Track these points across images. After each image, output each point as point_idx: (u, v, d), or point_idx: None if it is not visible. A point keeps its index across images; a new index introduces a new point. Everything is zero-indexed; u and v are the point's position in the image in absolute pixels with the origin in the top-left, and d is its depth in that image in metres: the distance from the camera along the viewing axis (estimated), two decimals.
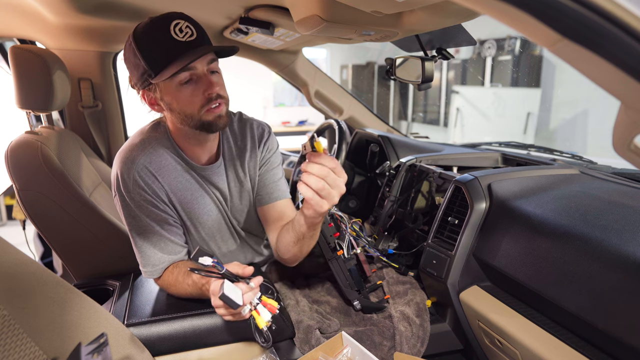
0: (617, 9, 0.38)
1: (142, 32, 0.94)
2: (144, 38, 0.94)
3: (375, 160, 1.71)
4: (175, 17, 0.94)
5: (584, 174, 1.25)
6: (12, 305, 0.60)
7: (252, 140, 1.18)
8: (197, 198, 1.12)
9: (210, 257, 0.82)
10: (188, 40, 0.94)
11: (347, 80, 7.43)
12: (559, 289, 0.87)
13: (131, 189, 1.04)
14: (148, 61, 0.94)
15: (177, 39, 0.93)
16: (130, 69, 0.99)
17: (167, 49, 0.93)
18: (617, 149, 0.45)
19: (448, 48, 1.22)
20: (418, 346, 1.08)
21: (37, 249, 2.02)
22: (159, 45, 0.94)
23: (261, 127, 1.21)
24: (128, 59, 0.98)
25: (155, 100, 1.02)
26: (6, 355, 0.55)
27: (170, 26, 0.93)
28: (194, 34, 0.95)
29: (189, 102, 0.98)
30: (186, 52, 0.94)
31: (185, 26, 0.94)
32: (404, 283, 1.27)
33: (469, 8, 0.47)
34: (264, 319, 0.86)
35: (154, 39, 0.94)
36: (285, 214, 1.20)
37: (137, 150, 1.05)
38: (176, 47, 0.93)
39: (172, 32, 0.93)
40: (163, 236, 1.07)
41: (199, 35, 0.96)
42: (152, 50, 0.94)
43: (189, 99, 0.98)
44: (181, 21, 0.94)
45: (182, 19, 0.95)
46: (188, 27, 0.95)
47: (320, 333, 1.09)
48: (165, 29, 0.93)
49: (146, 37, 0.94)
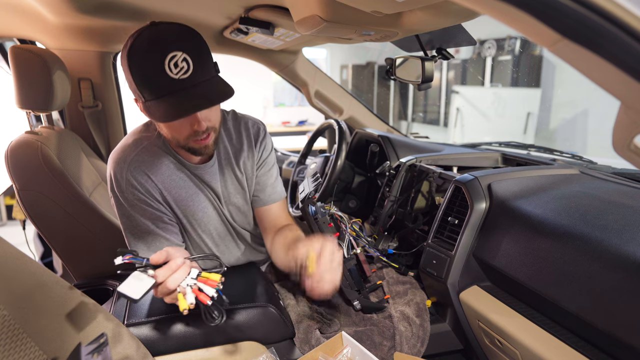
0: (617, 9, 0.38)
1: (137, 54, 0.88)
2: (137, 63, 0.89)
3: (375, 160, 1.71)
4: (172, 48, 0.87)
5: (584, 174, 1.25)
6: (12, 305, 0.60)
7: (249, 138, 1.18)
8: (192, 195, 1.12)
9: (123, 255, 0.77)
10: (181, 78, 0.88)
11: (347, 80, 7.43)
12: (559, 289, 0.87)
13: (124, 188, 1.04)
14: (139, 87, 0.90)
15: (170, 75, 0.87)
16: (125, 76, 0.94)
17: (157, 84, 0.88)
18: (617, 149, 0.45)
19: (448, 48, 1.22)
20: (418, 346, 1.09)
21: (37, 249, 2.02)
22: (151, 77, 0.88)
23: (257, 126, 1.21)
24: (123, 67, 0.93)
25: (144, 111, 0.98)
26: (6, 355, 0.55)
27: (166, 60, 0.86)
28: (189, 69, 0.88)
29: (177, 132, 0.97)
30: (177, 91, 0.88)
31: (181, 59, 0.87)
32: (404, 283, 1.27)
33: (469, 8, 0.47)
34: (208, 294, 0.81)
35: (147, 69, 0.88)
36: (280, 216, 1.25)
37: (129, 150, 1.05)
38: (168, 85, 0.88)
39: (167, 67, 0.86)
40: (158, 235, 1.07)
41: (195, 71, 0.89)
42: (142, 79, 0.89)
43: (177, 129, 0.97)
44: (178, 53, 0.87)
45: (180, 50, 0.87)
46: (185, 61, 0.87)
47: (320, 333, 1.09)
48: (159, 61, 0.86)
49: (139, 63, 0.89)
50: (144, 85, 0.90)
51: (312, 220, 1.19)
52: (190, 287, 0.82)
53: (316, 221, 1.18)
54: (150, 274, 0.79)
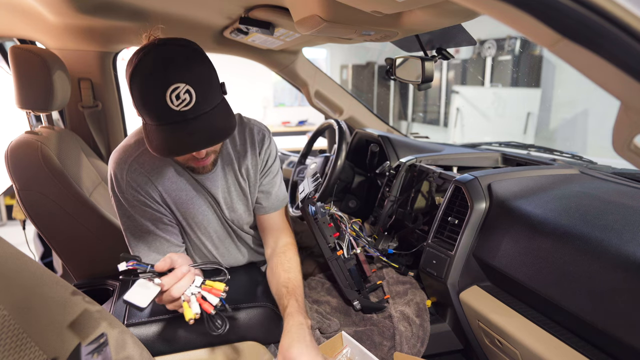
0: (617, 9, 0.38)
1: (139, 79, 0.86)
2: (139, 88, 0.87)
3: (375, 160, 1.71)
4: (176, 79, 0.85)
5: (584, 174, 1.25)
6: (12, 305, 0.60)
7: (252, 144, 1.17)
8: (192, 199, 1.11)
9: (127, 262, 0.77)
10: (182, 110, 0.85)
11: (347, 80, 7.43)
12: (559, 289, 0.87)
13: (124, 189, 1.04)
14: (139, 110, 0.90)
15: (171, 107, 0.85)
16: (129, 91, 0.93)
17: (158, 114, 0.87)
18: (617, 149, 0.45)
19: (448, 48, 1.22)
20: (418, 346, 1.09)
21: (37, 249, 2.02)
22: (151, 105, 0.87)
23: (262, 132, 1.19)
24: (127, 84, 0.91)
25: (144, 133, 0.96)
26: (6, 355, 0.55)
27: (167, 91, 0.84)
28: (191, 101, 0.86)
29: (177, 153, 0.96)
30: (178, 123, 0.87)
31: (184, 91, 0.85)
32: (404, 283, 1.27)
33: (469, 8, 0.47)
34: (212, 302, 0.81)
35: (148, 96, 0.87)
36: (280, 221, 1.25)
37: (130, 151, 1.05)
38: (168, 116, 0.86)
39: (168, 98, 0.84)
40: (158, 236, 1.07)
41: (197, 102, 0.87)
42: (144, 105, 0.88)
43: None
44: (180, 85, 0.85)
45: (183, 81, 0.85)
46: (187, 93, 0.85)
47: (320, 333, 1.09)
48: (161, 92, 0.84)
49: (141, 88, 0.87)
50: (144, 110, 0.89)
51: (312, 221, 1.19)
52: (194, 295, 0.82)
53: (316, 221, 1.18)
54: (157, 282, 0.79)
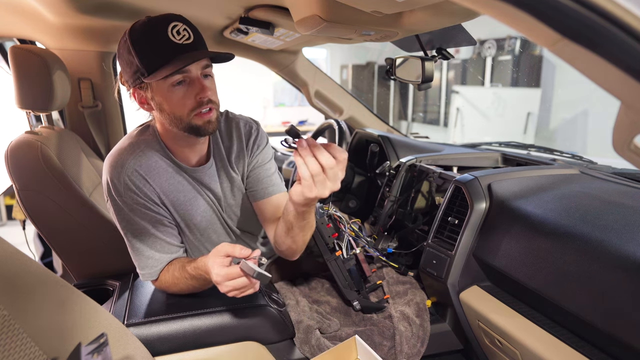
0: (617, 9, 0.38)
1: (139, 31, 0.94)
2: (140, 37, 0.94)
3: (375, 160, 1.71)
4: (173, 19, 0.94)
5: (584, 174, 1.25)
6: (12, 305, 0.60)
7: (239, 139, 1.17)
8: (190, 199, 1.11)
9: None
10: (184, 43, 0.94)
11: (347, 80, 7.43)
12: (559, 289, 0.87)
13: (123, 192, 1.03)
14: (142, 60, 0.94)
15: (173, 40, 0.93)
16: (123, 65, 0.99)
17: (163, 50, 0.93)
18: (617, 149, 0.45)
19: (448, 48, 1.22)
20: (418, 346, 1.08)
21: (37, 249, 2.02)
22: (155, 45, 0.93)
23: (248, 125, 1.20)
24: (122, 55, 0.98)
25: (145, 99, 1.02)
26: (6, 355, 0.55)
27: (168, 28, 0.93)
28: (190, 37, 0.95)
29: (180, 104, 0.98)
30: (182, 54, 0.94)
31: (182, 29, 0.94)
32: (404, 283, 1.27)
33: (469, 8, 0.47)
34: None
35: (150, 38, 0.94)
36: (281, 207, 1.18)
37: (126, 154, 1.05)
38: (172, 49, 0.93)
39: (170, 33, 0.93)
40: (158, 237, 1.07)
41: (196, 39, 0.96)
42: (147, 50, 0.94)
43: (180, 101, 0.98)
44: (179, 24, 0.94)
45: (180, 21, 0.94)
46: (185, 30, 0.94)
47: (320, 333, 1.09)
48: (162, 29, 0.92)
49: (142, 36, 0.94)
50: (148, 55, 0.94)
51: None
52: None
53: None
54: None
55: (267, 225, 1.22)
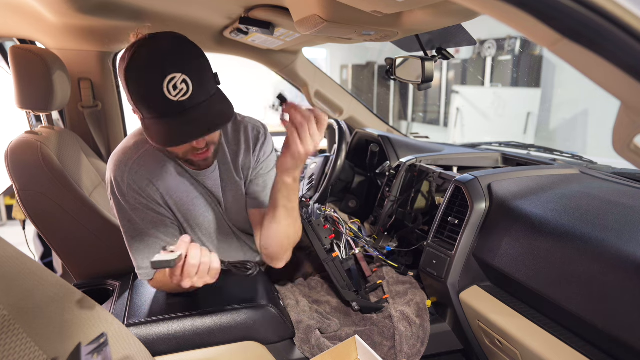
0: (617, 9, 0.38)
1: (134, 74, 0.86)
2: (135, 82, 0.86)
3: (375, 160, 1.71)
4: (172, 70, 0.84)
5: (584, 174, 1.25)
6: (12, 305, 0.60)
7: (247, 143, 1.17)
8: (193, 200, 1.11)
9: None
10: (180, 100, 0.85)
11: (347, 80, 7.44)
12: (559, 289, 0.87)
13: (126, 192, 1.03)
14: (137, 105, 0.89)
15: (168, 97, 0.84)
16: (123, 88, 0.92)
17: (157, 106, 0.86)
18: (617, 149, 0.45)
19: (448, 48, 1.22)
20: (418, 346, 1.08)
21: (37, 249, 2.02)
22: (149, 98, 0.86)
23: (256, 130, 1.19)
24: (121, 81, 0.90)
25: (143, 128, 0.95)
26: (6, 355, 0.55)
27: (164, 82, 0.83)
28: (188, 91, 0.85)
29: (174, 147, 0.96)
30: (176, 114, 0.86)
31: (180, 81, 0.84)
32: (404, 283, 1.27)
33: (469, 8, 0.47)
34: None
35: (145, 89, 0.86)
36: None
37: (130, 153, 1.05)
38: (167, 107, 0.85)
39: (165, 88, 0.84)
40: (159, 238, 1.07)
41: (194, 91, 0.86)
42: (141, 99, 0.87)
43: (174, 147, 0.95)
44: (177, 75, 0.84)
45: (179, 71, 0.84)
46: (184, 82, 0.85)
47: (320, 333, 1.09)
48: (158, 83, 0.84)
49: (138, 82, 0.86)
50: (142, 104, 0.88)
51: (306, 223, 1.18)
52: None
53: (310, 223, 1.17)
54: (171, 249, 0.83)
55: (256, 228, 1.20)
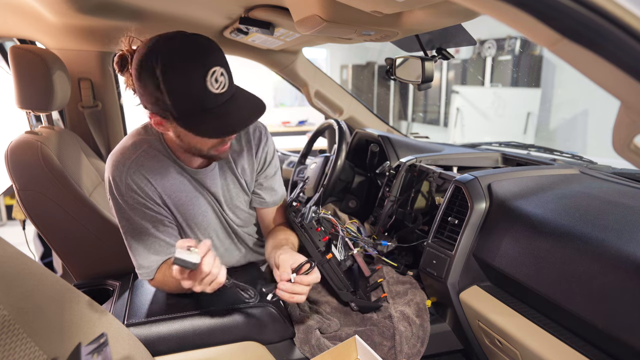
0: (617, 9, 0.38)
1: (174, 71, 0.84)
2: (175, 79, 0.84)
3: (375, 160, 1.71)
4: (212, 63, 0.86)
5: (584, 174, 1.25)
6: (12, 305, 0.60)
7: (249, 144, 1.18)
8: (192, 199, 1.11)
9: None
10: (221, 92, 0.88)
11: (347, 80, 7.43)
12: (559, 289, 0.87)
13: (124, 192, 1.03)
14: (175, 105, 0.87)
15: (212, 90, 0.86)
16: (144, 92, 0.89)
17: (202, 100, 0.87)
18: (617, 149, 0.45)
19: (448, 48, 1.22)
20: (418, 346, 1.08)
21: (37, 249, 2.02)
22: (192, 95, 0.86)
23: (258, 130, 1.20)
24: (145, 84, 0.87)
25: (162, 124, 0.95)
26: (6, 355, 0.55)
27: (207, 75, 0.85)
28: (226, 83, 0.89)
29: (203, 142, 0.97)
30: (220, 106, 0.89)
31: (220, 74, 0.87)
32: (404, 283, 1.27)
33: (469, 8, 0.47)
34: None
35: (188, 85, 0.85)
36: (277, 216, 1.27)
37: (128, 154, 1.05)
38: (211, 100, 0.87)
39: (209, 82, 0.85)
40: (158, 238, 1.07)
41: (230, 83, 0.91)
42: (184, 98, 0.86)
43: (203, 140, 0.96)
44: (217, 68, 0.86)
45: (218, 64, 0.87)
46: (222, 75, 0.88)
47: (320, 333, 1.09)
48: (202, 77, 0.85)
49: (178, 79, 0.85)
50: (181, 101, 0.86)
51: (298, 227, 1.17)
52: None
53: (302, 227, 1.17)
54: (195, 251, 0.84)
55: (265, 233, 1.27)
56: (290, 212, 1.21)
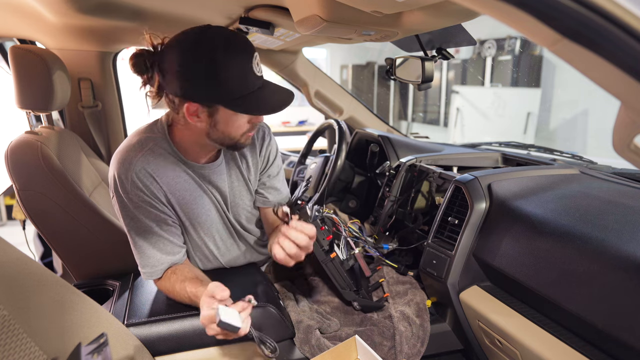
0: (617, 9, 0.38)
1: (225, 58, 0.90)
2: (227, 65, 0.90)
3: (375, 160, 1.71)
4: (253, 50, 0.95)
5: (584, 174, 1.25)
6: (12, 305, 0.60)
7: (252, 142, 1.19)
8: (196, 198, 1.11)
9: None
10: (261, 75, 0.98)
11: (347, 80, 7.43)
12: (559, 289, 0.87)
13: (129, 190, 1.03)
14: (230, 90, 0.93)
15: (256, 73, 0.95)
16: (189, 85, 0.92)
17: (250, 82, 0.95)
18: (617, 149, 0.45)
19: (448, 48, 1.22)
20: (418, 346, 1.08)
21: (37, 249, 2.02)
22: (242, 76, 0.93)
23: (261, 129, 1.22)
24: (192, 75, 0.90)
25: (197, 113, 0.97)
26: (6, 355, 0.55)
27: (253, 59, 0.94)
28: (261, 68, 0.99)
29: (237, 128, 1.02)
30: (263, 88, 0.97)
31: (258, 60, 0.97)
32: (404, 283, 1.27)
33: (469, 8, 0.47)
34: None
35: (238, 67, 0.92)
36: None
37: (134, 151, 1.05)
38: (256, 82, 0.96)
39: (254, 66, 0.94)
40: (162, 236, 1.07)
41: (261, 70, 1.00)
42: (239, 81, 0.93)
43: (240, 125, 1.01)
44: (256, 54, 0.96)
45: (255, 51, 0.96)
46: (258, 61, 0.97)
47: (320, 333, 1.09)
48: (249, 61, 0.93)
49: (230, 64, 0.91)
50: (237, 84, 0.93)
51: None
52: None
53: None
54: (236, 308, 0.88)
55: (269, 231, 1.27)
56: (295, 211, 1.21)
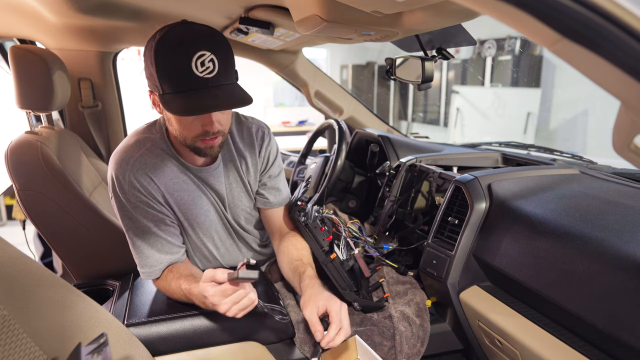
0: (617, 9, 0.38)
1: (164, 48, 0.90)
2: (164, 56, 0.91)
3: (375, 160, 1.71)
4: (202, 47, 0.89)
5: (584, 174, 1.25)
6: (12, 305, 0.60)
7: (252, 144, 1.18)
8: (194, 199, 1.11)
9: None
10: (205, 77, 0.90)
11: (347, 80, 7.43)
12: (559, 289, 0.87)
13: (127, 190, 1.03)
14: (160, 79, 0.91)
15: (195, 73, 0.89)
16: (146, 66, 0.96)
17: (182, 80, 0.90)
18: (617, 149, 0.45)
19: (448, 48, 1.22)
20: (418, 346, 1.08)
21: (37, 249, 2.01)
22: (175, 72, 0.91)
23: (261, 130, 1.21)
24: (146, 57, 0.94)
25: (157, 104, 1.00)
26: (6, 355, 0.55)
27: (194, 57, 0.89)
28: (214, 70, 0.91)
29: (186, 129, 0.98)
30: (200, 89, 0.91)
31: (208, 59, 0.90)
32: (404, 283, 1.26)
33: (469, 8, 0.47)
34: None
35: (173, 63, 0.90)
36: (286, 219, 1.27)
37: (132, 152, 1.05)
38: (191, 81, 0.90)
39: (193, 64, 0.89)
40: (160, 237, 1.07)
41: (219, 72, 0.92)
42: (166, 72, 0.91)
43: (188, 126, 0.98)
44: (206, 53, 0.89)
45: (209, 50, 0.90)
46: (211, 61, 0.90)
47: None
48: (187, 57, 0.89)
49: (166, 56, 0.90)
50: (166, 77, 0.91)
51: (303, 227, 1.18)
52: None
53: (306, 226, 1.17)
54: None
55: (272, 234, 1.27)
56: (295, 211, 1.21)
